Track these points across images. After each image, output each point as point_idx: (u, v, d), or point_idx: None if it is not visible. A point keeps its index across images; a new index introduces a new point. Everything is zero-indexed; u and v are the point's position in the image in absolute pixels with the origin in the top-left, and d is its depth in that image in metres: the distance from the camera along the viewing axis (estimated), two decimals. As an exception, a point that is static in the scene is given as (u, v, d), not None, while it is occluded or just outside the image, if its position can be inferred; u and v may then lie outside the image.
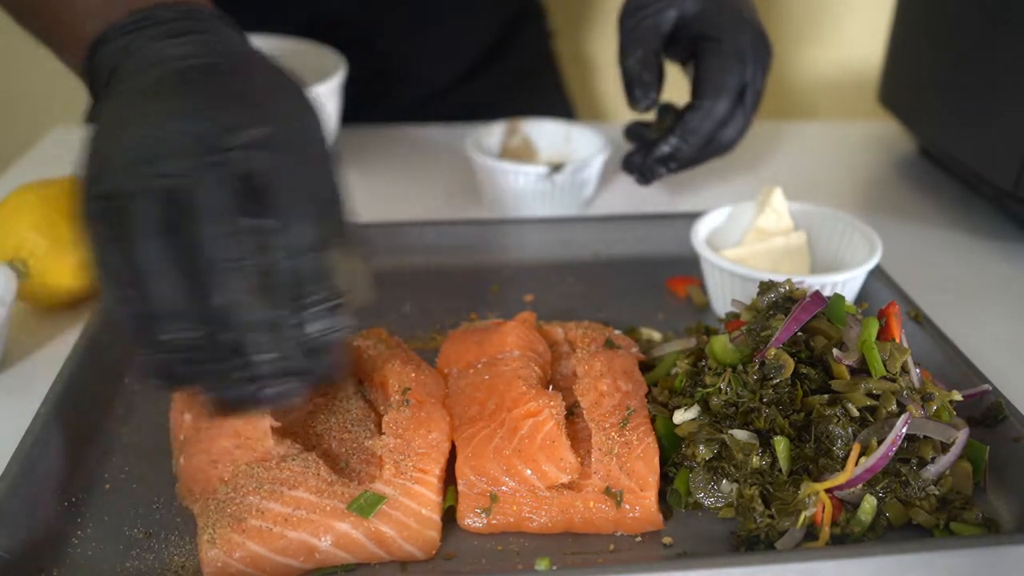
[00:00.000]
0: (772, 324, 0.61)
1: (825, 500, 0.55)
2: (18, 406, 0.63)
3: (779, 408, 0.58)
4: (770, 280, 0.66)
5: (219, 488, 0.55)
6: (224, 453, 0.56)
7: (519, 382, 0.61)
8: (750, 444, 0.57)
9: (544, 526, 0.56)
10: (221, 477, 0.56)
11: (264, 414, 0.57)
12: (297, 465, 0.56)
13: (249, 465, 0.56)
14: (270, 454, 0.56)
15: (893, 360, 0.59)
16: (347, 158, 1.05)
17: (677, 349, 0.68)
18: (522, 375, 0.62)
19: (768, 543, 0.54)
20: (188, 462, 0.57)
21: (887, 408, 0.57)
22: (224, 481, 0.55)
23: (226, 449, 0.57)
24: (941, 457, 0.57)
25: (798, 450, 0.57)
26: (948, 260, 0.90)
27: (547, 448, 0.56)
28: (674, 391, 0.63)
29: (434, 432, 0.58)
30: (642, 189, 1.01)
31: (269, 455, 0.56)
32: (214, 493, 0.55)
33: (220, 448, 0.57)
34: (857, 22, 1.71)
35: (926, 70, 1.01)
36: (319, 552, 0.53)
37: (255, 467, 0.56)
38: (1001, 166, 0.88)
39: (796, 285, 0.65)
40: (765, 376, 0.59)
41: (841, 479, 0.55)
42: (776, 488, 0.56)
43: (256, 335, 0.48)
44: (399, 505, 0.54)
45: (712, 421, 0.59)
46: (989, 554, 0.52)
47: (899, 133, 1.17)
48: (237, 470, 0.55)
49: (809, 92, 1.81)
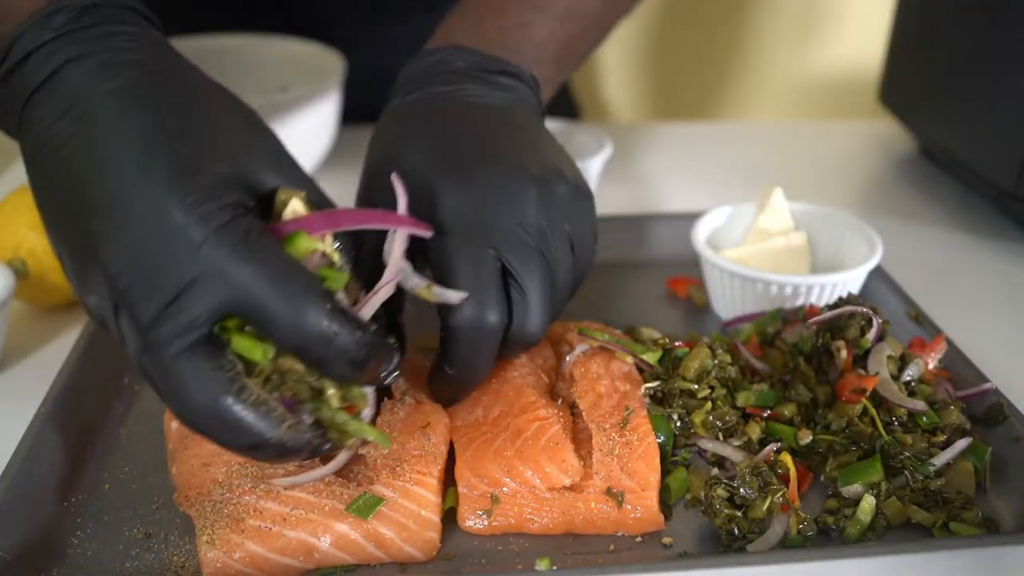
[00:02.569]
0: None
1: (790, 464, 0.57)
2: (18, 406, 0.63)
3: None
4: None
5: (214, 490, 0.55)
6: (215, 455, 0.56)
7: (529, 390, 0.60)
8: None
9: (545, 527, 0.56)
10: (215, 479, 0.55)
11: None
12: (292, 465, 0.56)
13: (243, 465, 0.56)
14: None
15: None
16: (347, 158, 1.05)
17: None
18: (531, 383, 0.62)
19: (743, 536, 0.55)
20: (180, 468, 0.57)
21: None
22: (218, 482, 0.55)
23: (215, 451, 0.56)
24: (942, 452, 0.58)
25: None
26: (948, 260, 0.90)
27: (550, 450, 0.56)
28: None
29: (431, 434, 0.58)
30: (642, 189, 1.01)
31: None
32: (209, 495, 0.54)
33: (210, 450, 0.56)
34: (857, 22, 1.72)
35: (926, 70, 1.01)
36: (318, 552, 0.53)
37: (249, 466, 0.55)
38: (1001, 166, 0.88)
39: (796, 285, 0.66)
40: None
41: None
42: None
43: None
44: (398, 507, 0.54)
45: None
46: (989, 554, 0.52)
47: (899, 133, 1.17)
48: (231, 470, 0.55)
49: (809, 92, 1.82)
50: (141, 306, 0.46)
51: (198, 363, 0.46)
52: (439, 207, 0.56)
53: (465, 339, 0.55)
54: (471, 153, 0.59)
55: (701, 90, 1.87)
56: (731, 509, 0.55)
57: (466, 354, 0.56)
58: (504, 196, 0.56)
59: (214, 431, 0.47)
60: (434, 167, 0.58)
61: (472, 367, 0.57)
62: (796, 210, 0.81)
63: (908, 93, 1.05)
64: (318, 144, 0.96)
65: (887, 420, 0.60)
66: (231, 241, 0.46)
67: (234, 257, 0.46)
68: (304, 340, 0.47)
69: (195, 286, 0.45)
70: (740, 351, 0.67)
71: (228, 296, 0.46)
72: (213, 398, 0.46)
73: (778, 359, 0.67)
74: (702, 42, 1.80)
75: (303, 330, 0.47)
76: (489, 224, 0.55)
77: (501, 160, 0.58)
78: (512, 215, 0.56)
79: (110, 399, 0.67)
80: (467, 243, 0.55)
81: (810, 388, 0.64)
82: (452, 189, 0.56)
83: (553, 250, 0.56)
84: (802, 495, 0.58)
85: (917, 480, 0.57)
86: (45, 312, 0.78)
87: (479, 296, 0.54)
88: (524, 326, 0.56)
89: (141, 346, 0.46)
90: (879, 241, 0.76)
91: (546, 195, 0.57)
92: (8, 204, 0.75)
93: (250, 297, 0.46)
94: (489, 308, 0.54)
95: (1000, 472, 0.59)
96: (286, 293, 0.46)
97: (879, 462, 0.58)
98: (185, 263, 0.45)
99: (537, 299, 0.56)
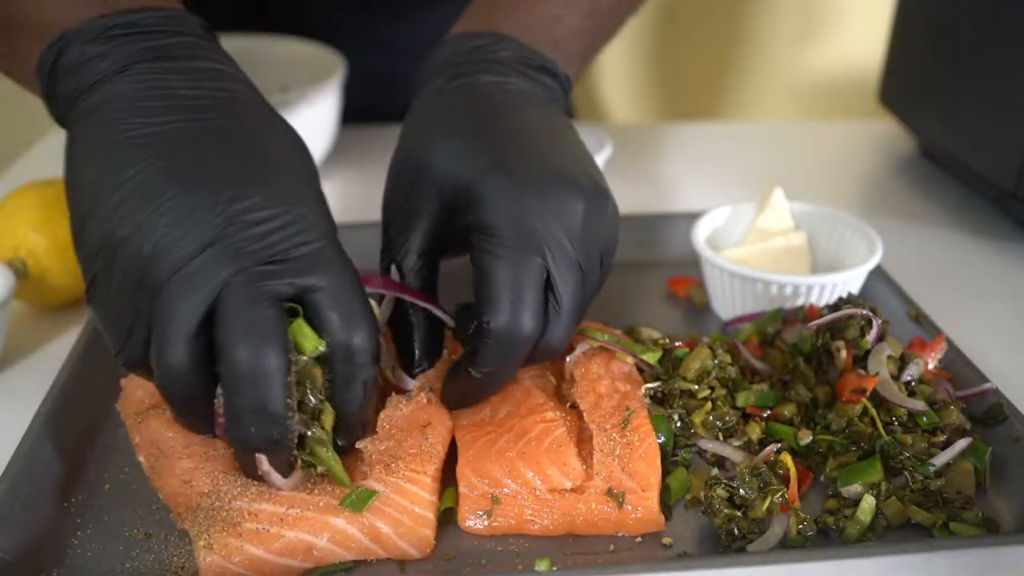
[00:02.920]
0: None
1: (790, 464, 0.57)
2: (18, 406, 0.63)
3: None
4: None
5: (202, 501, 0.54)
6: (190, 471, 0.56)
7: (537, 392, 0.61)
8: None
9: (546, 528, 0.56)
10: (200, 491, 0.55)
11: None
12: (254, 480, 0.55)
13: (225, 472, 0.55)
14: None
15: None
16: (347, 158, 1.05)
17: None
18: (539, 385, 0.62)
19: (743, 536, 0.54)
20: (164, 492, 0.56)
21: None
22: (205, 493, 0.54)
23: (191, 467, 0.56)
24: (942, 452, 0.58)
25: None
26: (948, 260, 0.90)
27: (553, 452, 0.56)
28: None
29: (430, 434, 0.58)
30: (642, 189, 1.01)
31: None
32: (200, 507, 0.54)
33: (184, 469, 0.56)
34: (857, 22, 1.72)
35: (926, 70, 1.01)
36: (317, 550, 0.53)
37: (232, 473, 0.55)
38: (1001, 166, 0.88)
39: (796, 285, 0.66)
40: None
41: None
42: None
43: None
44: (392, 502, 0.54)
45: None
46: (989, 554, 0.52)
47: (899, 133, 1.17)
48: (215, 479, 0.55)
49: (809, 92, 1.82)
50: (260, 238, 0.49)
51: (275, 313, 0.49)
52: (487, 206, 0.56)
53: (498, 344, 0.54)
54: (522, 154, 0.58)
55: (701, 90, 1.87)
56: (731, 509, 0.55)
57: (497, 359, 0.55)
58: (556, 206, 0.56)
59: (250, 383, 0.48)
60: (482, 163, 0.57)
61: (498, 372, 0.57)
62: (796, 210, 0.81)
63: (908, 93, 1.05)
64: (318, 144, 0.96)
65: (887, 420, 0.60)
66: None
67: (343, 258, 0.53)
68: (349, 348, 0.51)
69: (310, 255, 0.50)
70: (740, 351, 0.67)
71: (325, 282, 0.50)
72: (267, 347, 0.48)
73: (778, 359, 0.67)
74: (702, 42, 1.80)
75: (357, 335, 0.51)
76: (540, 232, 0.55)
77: (552, 167, 0.58)
78: (562, 226, 0.55)
79: (110, 399, 0.67)
80: (517, 248, 0.54)
81: (810, 388, 0.64)
82: (502, 190, 0.56)
83: (589, 265, 0.57)
84: (802, 495, 0.58)
85: (917, 480, 0.57)
86: (45, 312, 0.78)
87: (520, 303, 0.54)
88: (554, 337, 0.56)
89: (237, 271, 0.48)
90: (879, 241, 0.76)
91: (592, 210, 0.57)
92: (8, 204, 0.75)
93: (337, 288, 0.51)
94: (529, 315, 0.54)
95: (1000, 472, 0.59)
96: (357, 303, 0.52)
97: (879, 462, 0.58)
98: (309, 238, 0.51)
99: (570, 312, 0.56)
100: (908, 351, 0.64)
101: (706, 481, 0.57)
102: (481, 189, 0.56)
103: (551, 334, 0.56)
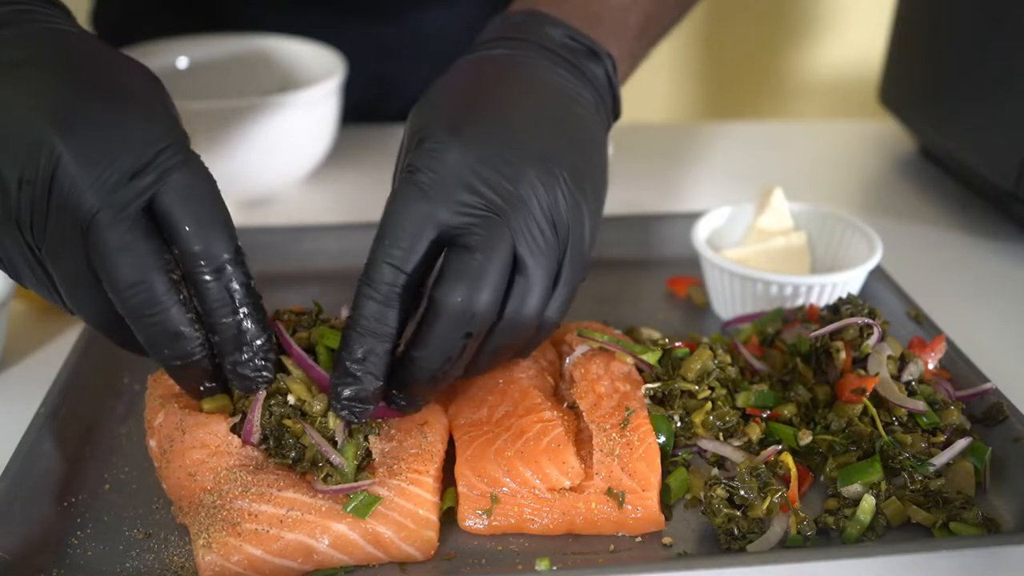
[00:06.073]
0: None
1: (790, 464, 0.57)
2: (17, 406, 0.63)
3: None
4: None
5: (204, 497, 0.54)
6: (198, 464, 0.55)
7: (535, 392, 0.61)
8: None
9: (545, 527, 0.56)
10: (203, 487, 0.55)
11: (223, 418, 0.57)
12: (281, 467, 0.56)
13: (230, 470, 0.55)
14: (249, 457, 0.56)
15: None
16: (347, 158, 1.05)
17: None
18: (537, 385, 0.62)
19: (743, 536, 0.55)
20: (168, 482, 0.56)
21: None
22: (207, 490, 0.54)
23: (199, 459, 0.55)
24: (942, 452, 0.58)
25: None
26: (948, 260, 0.90)
27: (551, 451, 0.56)
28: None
29: (428, 432, 0.58)
30: (642, 189, 1.01)
31: (249, 458, 0.56)
32: (201, 503, 0.54)
33: (193, 460, 0.56)
34: (857, 22, 1.72)
35: (926, 70, 1.01)
36: (317, 553, 0.53)
37: (236, 471, 0.55)
38: (1001, 166, 0.88)
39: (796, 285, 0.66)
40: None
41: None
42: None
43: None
44: (395, 506, 0.54)
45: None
46: (989, 554, 0.52)
47: (899, 133, 1.17)
48: (219, 476, 0.55)
49: (809, 92, 1.82)
50: (117, 164, 0.50)
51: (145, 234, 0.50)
52: (419, 150, 0.55)
53: (446, 315, 0.51)
54: (480, 117, 0.56)
55: (701, 91, 1.87)
56: (731, 509, 0.55)
57: (440, 333, 0.52)
58: (542, 192, 0.55)
59: (138, 308, 0.50)
60: (443, 116, 0.57)
61: (438, 352, 0.52)
62: (796, 210, 0.81)
63: (908, 93, 1.05)
64: (318, 144, 0.96)
65: (887, 420, 0.60)
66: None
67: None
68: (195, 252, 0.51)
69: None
70: (740, 351, 0.67)
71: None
72: (146, 271, 0.49)
73: (778, 359, 0.67)
74: (701, 43, 1.80)
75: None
76: (518, 209, 0.53)
77: (508, 134, 0.56)
78: (536, 209, 0.54)
79: (110, 399, 0.67)
80: (491, 220, 0.53)
81: (810, 388, 0.64)
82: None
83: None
84: (802, 495, 0.58)
85: (917, 480, 0.57)
86: (45, 312, 0.78)
87: (482, 271, 0.51)
88: (521, 311, 0.54)
89: (102, 204, 0.49)
90: (879, 241, 0.76)
91: (589, 216, 0.58)
92: (8, 204, 0.75)
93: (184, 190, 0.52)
94: (487, 287, 0.51)
95: (1000, 472, 0.59)
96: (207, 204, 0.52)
97: (879, 462, 0.58)
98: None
99: (539, 289, 0.54)
100: (908, 351, 0.65)
101: (706, 481, 0.57)
102: (426, 134, 0.55)
103: (515, 308, 0.54)
